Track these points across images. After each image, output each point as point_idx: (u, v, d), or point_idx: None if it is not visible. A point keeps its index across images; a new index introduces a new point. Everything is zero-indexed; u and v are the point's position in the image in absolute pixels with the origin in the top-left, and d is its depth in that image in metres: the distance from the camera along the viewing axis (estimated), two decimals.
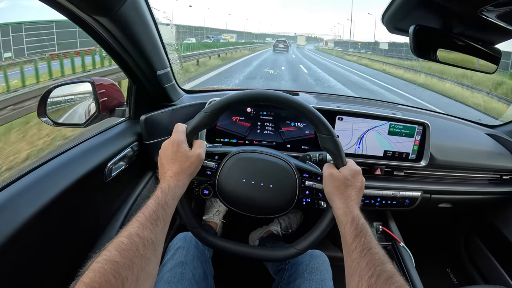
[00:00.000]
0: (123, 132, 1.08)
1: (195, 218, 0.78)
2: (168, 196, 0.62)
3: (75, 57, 8.82)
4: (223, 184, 0.79)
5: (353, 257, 0.59)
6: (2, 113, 3.99)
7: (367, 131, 1.22)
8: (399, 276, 0.52)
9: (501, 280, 1.44)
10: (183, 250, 0.94)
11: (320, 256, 0.99)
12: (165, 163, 0.70)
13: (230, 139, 1.24)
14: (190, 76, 10.88)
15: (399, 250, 1.29)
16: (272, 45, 38.02)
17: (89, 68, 8.83)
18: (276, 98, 0.75)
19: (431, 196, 1.32)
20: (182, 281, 0.85)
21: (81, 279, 0.43)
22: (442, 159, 1.31)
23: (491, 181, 1.43)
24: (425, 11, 0.67)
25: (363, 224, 0.63)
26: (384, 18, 0.74)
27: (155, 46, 1.02)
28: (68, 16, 0.75)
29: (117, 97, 1.11)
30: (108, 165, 0.92)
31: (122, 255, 0.47)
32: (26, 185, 0.70)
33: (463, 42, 0.77)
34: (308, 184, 0.81)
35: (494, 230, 1.50)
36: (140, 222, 0.54)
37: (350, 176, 0.72)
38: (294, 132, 1.22)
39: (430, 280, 1.22)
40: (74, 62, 8.59)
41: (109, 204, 0.99)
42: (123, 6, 0.77)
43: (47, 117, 0.95)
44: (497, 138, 1.49)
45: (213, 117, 0.76)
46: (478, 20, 0.61)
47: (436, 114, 1.60)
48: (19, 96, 4.45)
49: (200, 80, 10.54)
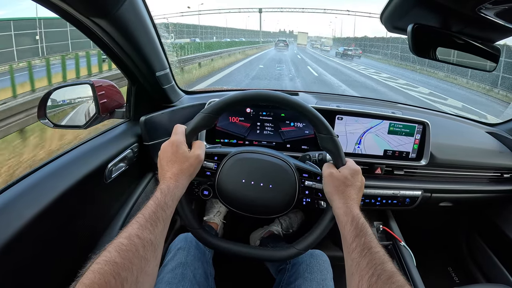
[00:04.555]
0: (123, 133, 1.08)
1: (195, 219, 0.78)
2: (167, 197, 0.62)
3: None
4: (223, 185, 0.79)
5: (353, 256, 0.58)
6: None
7: (367, 130, 1.22)
8: (399, 276, 0.52)
9: (503, 279, 1.44)
10: (183, 251, 0.94)
11: (321, 256, 0.99)
12: (164, 164, 0.70)
13: (230, 140, 1.24)
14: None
15: (400, 249, 1.29)
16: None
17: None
18: (275, 98, 0.75)
19: (432, 195, 1.32)
20: (183, 281, 0.85)
21: (81, 280, 0.43)
22: (443, 157, 1.31)
23: (492, 180, 1.43)
24: (424, 9, 0.67)
25: (363, 224, 0.63)
26: (383, 17, 0.74)
27: (154, 47, 1.02)
28: (66, 18, 0.75)
29: (117, 99, 1.11)
30: (108, 166, 0.92)
31: (122, 256, 0.47)
32: (26, 187, 0.70)
33: (462, 40, 0.77)
34: (308, 184, 0.81)
35: (495, 229, 1.50)
36: (140, 223, 0.54)
37: (349, 176, 0.72)
38: (294, 132, 1.22)
39: (431, 279, 1.22)
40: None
41: (109, 205, 0.99)
42: (121, 8, 0.77)
43: (47, 119, 0.95)
44: (497, 136, 1.49)
45: (212, 117, 0.76)
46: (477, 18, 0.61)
47: (436, 113, 1.60)
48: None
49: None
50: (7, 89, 6.39)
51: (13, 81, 6.43)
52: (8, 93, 6.26)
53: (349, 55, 30.24)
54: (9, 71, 6.89)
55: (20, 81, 6.78)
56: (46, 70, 7.66)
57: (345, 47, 33.69)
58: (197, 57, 14.65)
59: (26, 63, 7.76)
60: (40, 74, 7.79)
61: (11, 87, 6.42)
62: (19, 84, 6.62)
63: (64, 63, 8.13)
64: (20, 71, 7.83)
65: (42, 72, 7.91)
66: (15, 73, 6.78)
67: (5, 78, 6.81)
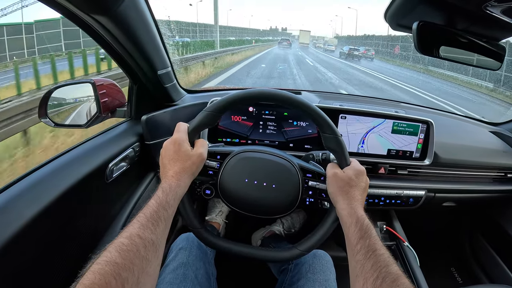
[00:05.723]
0: (124, 132, 1.07)
1: (197, 219, 0.77)
2: (169, 196, 0.62)
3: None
4: (225, 184, 0.78)
5: (357, 258, 0.58)
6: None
7: (370, 130, 1.21)
8: (404, 278, 0.51)
9: (506, 279, 1.43)
10: (185, 251, 0.93)
11: (324, 256, 0.98)
12: (166, 162, 0.69)
13: (232, 139, 1.23)
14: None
15: (404, 249, 1.28)
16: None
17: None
18: (278, 97, 0.75)
19: (435, 195, 1.31)
20: (185, 282, 0.84)
21: (81, 281, 0.42)
22: (446, 157, 1.30)
23: (496, 179, 1.42)
24: (429, 7, 0.67)
25: (367, 225, 0.63)
26: (387, 15, 0.73)
27: (155, 45, 1.01)
28: (66, 15, 0.75)
29: (118, 98, 1.11)
30: (110, 166, 0.92)
31: (123, 256, 0.46)
32: (27, 186, 0.70)
33: (467, 38, 0.76)
34: (312, 184, 0.80)
35: (499, 229, 1.49)
36: (141, 223, 0.53)
37: (354, 176, 0.71)
38: (297, 131, 1.22)
39: (434, 279, 1.21)
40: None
41: (110, 205, 0.99)
42: (122, 5, 0.77)
43: (48, 118, 0.95)
44: (501, 135, 1.48)
45: (215, 116, 0.75)
46: (482, 16, 0.61)
47: (439, 112, 1.59)
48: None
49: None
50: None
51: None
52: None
53: (355, 55, 26.69)
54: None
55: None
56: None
57: (350, 47, 30.24)
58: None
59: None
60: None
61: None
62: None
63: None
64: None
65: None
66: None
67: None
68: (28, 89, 6.88)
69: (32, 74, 7.43)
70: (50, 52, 12.51)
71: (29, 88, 6.99)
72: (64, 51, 12.33)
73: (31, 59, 8.79)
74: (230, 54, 19.66)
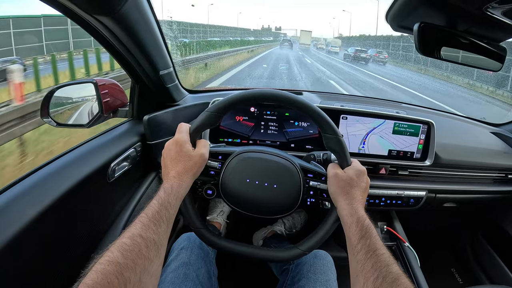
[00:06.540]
0: (126, 132, 1.07)
1: (199, 219, 0.78)
2: (171, 196, 0.62)
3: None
4: (227, 184, 0.79)
5: (358, 258, 0.58)
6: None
7: (371, 130, 1.21)
8: (405, 278, 0.52)
9: (507, 280, 1.43)
10: (186, 251, 0.94)
11: (324, 256, 0.99)
12: (168, 163, 0.69)
13: (234, 139, 1.23)
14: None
15: (404, 250, 1.28)
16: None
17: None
18: (280, 97, 0.75)
19: (436, 195, 1.31)
20: (186, 281, 0.85)
21: (84, 281, 0.43)
22: (447, 158, 1.30)
23: (496, 180, 1.42)
24: (430, 8, 0.67)
25: (368, 225, 0.63)
26: (388, 16, 0.73)
27: (157, 46, 1.01)
28: (69, 16, 0.75)
29: (120, 98, 1.11)
30: (111, 165, 0.92)
31: (125, 256, 0.47)
32: (29, 186, 0.70)
33: (468, 40, 0.76)
34: (313, 184, 0.80)
35: (500, 230, 1.49)
36: (143, 223, 0.54)
37: (355, 177, 0.71)
38: (298, 131, 1.22)
39: (435, 280, 1.21)
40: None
41: (112, 205, 0.99)
42: (125, 6, 0.77)
43: (50, 117, 0.96)
44: (502, 136, 1.48)
45: (216, 116, 0.75)
46: (483, 17, 0.61)
47: (440, 113, 1.59)
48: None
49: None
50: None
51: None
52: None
53: (361, 58, 24.20)
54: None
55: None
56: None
57: (356, 48, 27.27)
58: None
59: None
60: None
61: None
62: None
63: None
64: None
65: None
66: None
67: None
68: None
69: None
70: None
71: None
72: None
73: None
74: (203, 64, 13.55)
